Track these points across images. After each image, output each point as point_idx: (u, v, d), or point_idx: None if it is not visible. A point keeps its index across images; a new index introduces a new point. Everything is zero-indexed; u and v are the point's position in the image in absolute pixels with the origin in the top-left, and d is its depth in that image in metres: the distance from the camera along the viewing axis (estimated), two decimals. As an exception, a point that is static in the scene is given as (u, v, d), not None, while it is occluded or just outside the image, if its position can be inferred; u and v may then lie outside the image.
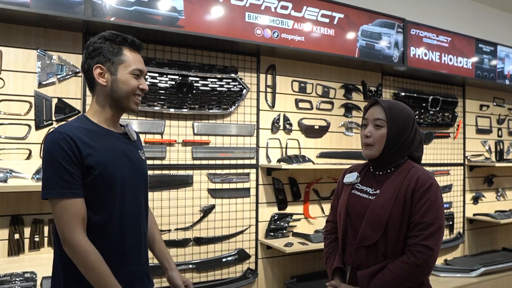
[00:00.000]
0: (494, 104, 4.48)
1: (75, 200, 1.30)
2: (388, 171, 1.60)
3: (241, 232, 2.95)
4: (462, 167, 4.18)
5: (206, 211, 2.82)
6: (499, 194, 4.48)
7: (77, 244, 1.28)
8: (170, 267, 1.61)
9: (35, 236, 2.30)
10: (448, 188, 4.06)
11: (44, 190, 1.31)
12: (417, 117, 3.81)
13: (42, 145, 1.38)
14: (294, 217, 3.13)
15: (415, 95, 3.77)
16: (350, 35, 3.18)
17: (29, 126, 2.31)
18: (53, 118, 2.37)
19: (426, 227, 1.44)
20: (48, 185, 1.30)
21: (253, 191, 3.00)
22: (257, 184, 3.01)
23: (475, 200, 4.26)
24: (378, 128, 1.57)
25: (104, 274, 1.30)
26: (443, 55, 3.72)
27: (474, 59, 3.96)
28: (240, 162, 2.95)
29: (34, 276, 2.04)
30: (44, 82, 2.35)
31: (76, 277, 1.32)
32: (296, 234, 3.09)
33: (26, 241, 2.28)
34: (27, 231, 2.28)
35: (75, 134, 1.33)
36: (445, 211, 4.02)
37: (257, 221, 3.01)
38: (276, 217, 3.05)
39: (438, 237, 1.46)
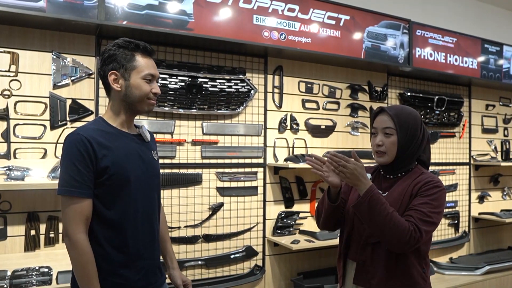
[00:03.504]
0: (500, 103, 4.48)
1: (82, 199, 1.38)
2: (399, 175, 1.64)
3: (249, 229, 3.01)
4: (467, 166, 4.20)
5: (215, 209, 2.88)
6: (504, 193, 4.49)
7: (75, 241, 1.36)
8: (172, 266, 1.72)
9: (50, 232, 2.37)
10: (454, 187, 4.08)
11: (58, 187, 1.40)
12: (422, 117, 3.84)
13: (62, 145, 1.46)
14: (301, 215, 3.18)
15: (421, 95, 3.79)
16: (356, 36, 3.22)
17: (45, 126, 2.39)
18: (67, 119, 2.44)
19: (425, 213, 1.46)
20: (60, 183, 1.39)
21: (260, 190, 3.05)
22: (265, 183, 3.06)
23: (481, 199, 4.28)
24: (388, 136, 1.59)
25: (89, 276, 1.37)
26: (448, 55, 3.74)
27: (480, 59, 3.97)
28: (248, 161, 3.01)
29: (49, 271, 2.10)
30: (58, 84, 2.42)
31: None
32: (302, 232, 3.13)
33: (42, 237, 2.36)
34: (42, 228, 2.36)
35: (92, 136, 1.41)
36: (451, 209, 4.05)
37: (264, 219, 3.06)
38: (283, 215, 3.10)
39: (431, 229, 1.48)
